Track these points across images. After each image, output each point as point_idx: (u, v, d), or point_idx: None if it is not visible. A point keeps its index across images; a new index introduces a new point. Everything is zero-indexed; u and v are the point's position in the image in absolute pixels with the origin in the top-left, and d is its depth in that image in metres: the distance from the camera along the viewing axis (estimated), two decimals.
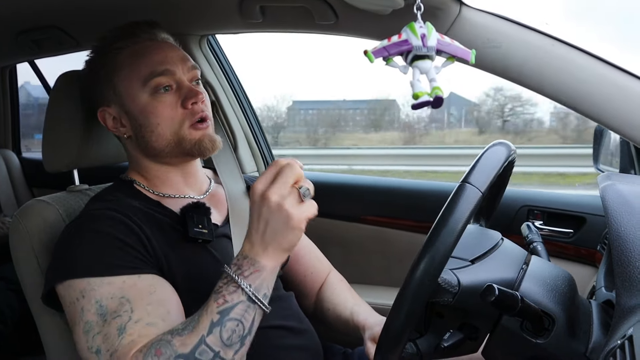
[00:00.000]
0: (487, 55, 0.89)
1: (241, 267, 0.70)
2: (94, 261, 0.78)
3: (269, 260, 0.70)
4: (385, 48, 0.54)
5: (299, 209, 0.67)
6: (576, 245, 1.25)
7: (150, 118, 0.89)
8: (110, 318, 0.73)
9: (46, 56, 1.66)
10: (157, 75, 0.89)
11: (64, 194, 1.02)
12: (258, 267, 0.69)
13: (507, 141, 0.74)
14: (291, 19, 1.13)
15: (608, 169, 1.23)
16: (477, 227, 0.91)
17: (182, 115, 0.89)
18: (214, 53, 1.57)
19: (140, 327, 0.72)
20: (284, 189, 0.67)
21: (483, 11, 0.91)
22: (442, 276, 0.70)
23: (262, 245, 0.69)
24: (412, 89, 0.53)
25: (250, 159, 1.68)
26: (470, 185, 0.65)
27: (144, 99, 0.89)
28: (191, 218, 0.88)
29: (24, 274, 0.95)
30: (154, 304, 0.75)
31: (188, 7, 1.20)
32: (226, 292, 0.69)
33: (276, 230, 0.68)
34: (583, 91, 0.85)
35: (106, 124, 0.94)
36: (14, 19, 1.27)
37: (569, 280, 0.78)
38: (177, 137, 0.90)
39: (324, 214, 1.56)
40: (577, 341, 0.70)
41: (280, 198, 0.67)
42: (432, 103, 0.53)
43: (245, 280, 0.69)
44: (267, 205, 0.67)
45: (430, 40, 0.54)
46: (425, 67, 0.54)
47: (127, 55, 0.91)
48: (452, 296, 0.71)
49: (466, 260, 0.75)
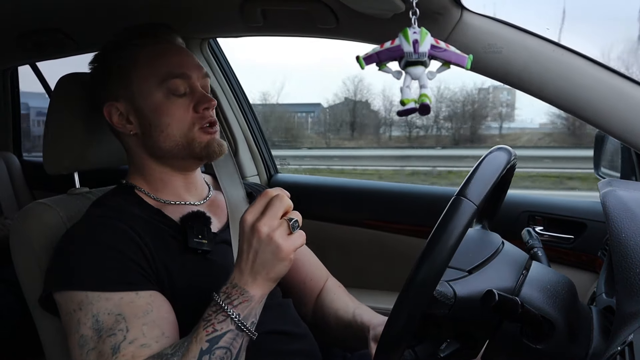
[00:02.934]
0: (487, 60, 0.89)
1: (230, 297, 0.71)
2: (93, 275, 0.78)
3: (257, 290, 0.71)
4: (377, 54, 0.54)
5: (287, 240, 0.69)
6: (577, 251, 1.24)
7: (161, 117, 0.89)
8: (106, 335, 0.74)
9: (47, 59, 1.66)
10: (174, 76, 0.90)
11: (65, 197, 1.02)
12: (247, 297, 0.71)
13: (507, 146, 0.74)
14: (292, 23, 1.13)
15: (609, 175, 1.23)
16: (478, 230, 0.90)
17: (193, 119, 0.90)
18: (215, 56, 1.58)
19: (134, 348, 0.73)
20: (274, 221, 0.69)
21: (484, 16, 0.91)
22: (438, 289, 0.70)
23: (252, 275, 0.71)
24: (401, 95, 0.53)
25: (251, 162, 1.68)
26: (465, 200, 0.64)
27: (158, 98, 0.90)
28: (191, 228, 0.88)
29: (24, 276, 0.95)
30: (150, 325, 0.75)
31: (190, 11, 1.20)
32: (215, 320, 0.70)
33: (265, 261, 0.69)
34: (584, 97, 0.85)
35: (111, 120, 0.93)
36: (16, 21, 1.28)
37: (569, 286, 0.77)
38: (187, 140, 0.90)
39: (322, 218, 1.58)
40: (577, 347, 0.70)
41: (270, 230, 0.69)
42: (419, 110, 0.53)
43: (234, 309, 0.70)
44: (257, 236, 0.69)
45: (422, 47, 0.54)
46: (416, 73, 0.54)
47: (146, 53, 0.91)
48: (448, 308, 0.70)
49: (463, 271, 0.74)
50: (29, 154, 2.40)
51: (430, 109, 0.53)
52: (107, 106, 0.93)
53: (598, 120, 0.85)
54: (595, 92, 0.85)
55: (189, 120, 0.90)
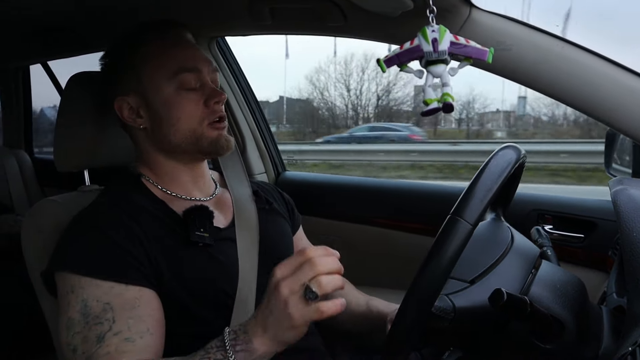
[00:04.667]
0: (497, 58, 0.88)
1: (237, 339, 0.69)
2: (87, 260, 0.79)
3: (262, 346, 0.68)
4: (397, 56, 0.53)
5: (301, 310, 0.64)
6: (587, 250, 1.23)
7: (172, 111, 0.90)
8: (92, 322, 0.75)
9: (58, 57, 1.68)
10: (186, 70, 0.90)
11: (75, 194, 1.03)
12: (250, 348, 0.68)
13: (515, 145, 0.73)
14: (300, 21, 1.13)
15: (620, 173, 1.22)
16: (488, 226, 0.88)
17: (203, 113, 0.91)
18: (223, 55, 1.58)
19: (118, 341, 0.73)
20: (296, 285, 0.64)
21: (493, 13, 0.90)
22: (437, 304, 0.69)
23: (262, 328, 0.68)
24: (424, 95, 0.53)
25: (259, 160, 1.69)
26: (460, 220, 0.63)
27: (169, 91, 0.90)
28: (193, 221, 0.88)
29: (35, 271, 0.96)
30: (135, 319, 0.76)
31: (198, 9, 1.21)
32: (213, 356, 0.69)
33: (277, 322, 0.66)
34: (595, 94, 0.84)
35: (122, 114, 0.93)
36: (27, 20, 1.29)
37: (579, 286, 0.77)
38: (196, 134, 0.91)
39: (331, 215, 1.57)
40: (587, 347, 0.70)
41: (289, 293, 0.64)
42: (442, 109, 0.52)
43: (235, 354, 0.68)
44: (277, 296, 0.65)
45: (442, 45, 0.53)
46: (438, 72, 0.54)
47: (157, 47, 0.92)
48: (448, 322, 0.70)
49: (465, 282, 0.74)
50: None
51: (453, 108, 0.52)
52: (117, 101, 0.93)
53: (609, 118, 0.84)
54: (606, 89, 0.84)
55: (199, 115, 0.91)
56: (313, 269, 0.64)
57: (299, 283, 0.64)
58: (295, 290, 0.64)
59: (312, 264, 0.64)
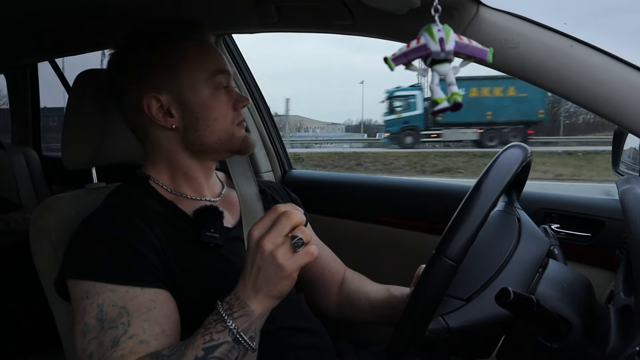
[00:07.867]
0: (504, 55, 0.88)
1: (232, 308, 0.71)
2: (102, 266, 0.79)
3: (258, 306, 0.70)
4: (405, 54, 0.53)
5: (290, 259, 0.68)
6: (594, 249, 1.22)
7: (209, 112, 0.91)
8: (108, 327, 0.75)
9: (67, 55, 1.69)
10: (221, 72, 0.93)
11: (82, 192, 1.04)
12: (247, 311, 0.70)
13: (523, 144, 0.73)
14: (307, 19, 1.13)
15: (628, 172, 1.21)
16: (495, 220, 0.87)
17: (233, 115, 0.94)
18: (231, 52, 1.58)
19: (133, 344, 0.74)
20: (278, 238, 0.68)
21: (501, 11, 0.89)
22: (430, 327, 0.69)
23: (254, 290, 0.70)
24: (432, 94, 0.53)
25: (265, 158, 1.69)
26: (444, 259, 0.64)
27: (206, 92, 0.91)
28: (203, 222, 0.89)
29: (43, 268, 0.97)
30: (151, 322, 0.77)
31: (205, 7, 1.21)
32: (214, 329, 0.71)
33: (267, 278, 0.69)
34: (602, 93, 0.83)
35: (150, 111, 0.90)
36: (36, 17, 1.30)
37: (586, 285, 0.76)
38: (228, 135, 0.93)
39: (337, 214, 1.57)
40: (594, 347, 0.69)
41: (273, 247, 0.68)
42: (451, 108, 0.52)
43: (234, 321, 0.70)
44: (261, 253, 0.68)
45: (448, 44, 0.53)
46: (443, 71, 0.54)
47: (195, 46, 0.93)
48: (443, 341, 0.70)
49: (460, 300, 0.73)
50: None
51: (462, 105, 0.52)
52: (147, 97, 0.90)
53: (617, 116, 0.84)
54: (614, 88, 0.83)
55: (231, 116, 0.93)
56: (291, 220, 0.68)
57: (280, 236, 0.68)
58: (278, 243, 0.68)
59: (288, 217, 0.69)
